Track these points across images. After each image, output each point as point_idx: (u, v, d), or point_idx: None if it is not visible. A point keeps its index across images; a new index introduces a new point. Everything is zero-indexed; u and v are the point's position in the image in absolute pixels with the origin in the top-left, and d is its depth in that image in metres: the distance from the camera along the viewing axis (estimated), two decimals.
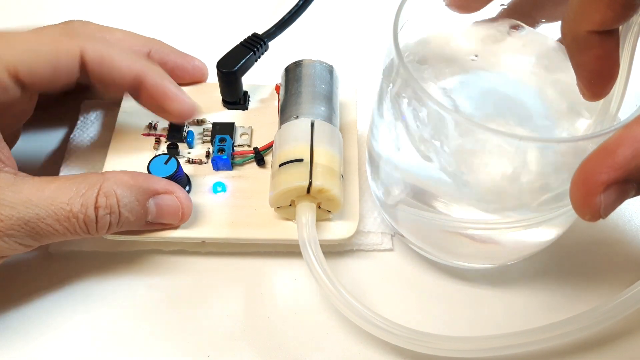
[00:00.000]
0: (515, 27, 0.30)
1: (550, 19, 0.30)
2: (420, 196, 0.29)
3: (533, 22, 0.30)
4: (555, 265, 0.34)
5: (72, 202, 0.28)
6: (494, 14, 0.31)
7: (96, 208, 0.28)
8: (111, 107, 0.37)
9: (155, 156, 0.32)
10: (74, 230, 0.28)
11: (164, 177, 0.31)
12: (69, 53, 0.30)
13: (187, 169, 0.34)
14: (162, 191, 0.31)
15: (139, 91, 0.32)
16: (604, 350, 0.31)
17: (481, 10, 0.30)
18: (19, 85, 0.29)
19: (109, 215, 0.29)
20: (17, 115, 0.33)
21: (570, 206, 0.22)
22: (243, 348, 0.31)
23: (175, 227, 0.32)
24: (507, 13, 0.31)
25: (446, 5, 0.29)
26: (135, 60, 0.32)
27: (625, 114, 0.26)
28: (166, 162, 0.32)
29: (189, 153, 0.35)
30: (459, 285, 0.33)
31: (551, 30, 0.30)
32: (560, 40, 0.30)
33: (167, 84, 0.33)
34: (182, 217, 0.31)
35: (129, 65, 0.32)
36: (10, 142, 0.34)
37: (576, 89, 0.26)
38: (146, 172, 0.31)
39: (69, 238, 0.29)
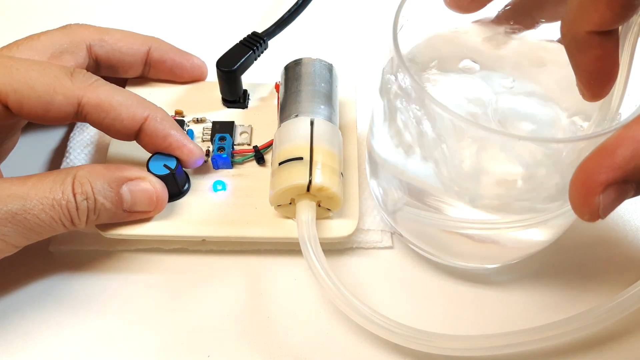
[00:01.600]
0: (515, 28, 0.30)
1: (550, 19, 0.30)
2: (419, 196, 0.29)
3: (533, 22, 0.30)
4: (555, 265, 0.34)
5: (54, 191, 0.28)
6: (493, 14, 0.31)
7: (74, 195, 0.29)
8: None
9: (154, 154, 0.32)
10: (59, 219, 0.28)
11: (165, 174, 0.31)
12: (65, 97, 0.29)
13: None
14: (134, 177, 0.31)
15: (142, 139, 0.32)
16: (603, 349, 0.31)
17: (481, 11, 0.30)
18: (6, 110, 0.29)
19: (85, 202, 0.29)
20: (7, 129, 0.33)
21: (570, 206, 0.22)
22: (243, 348, 0.31)
23: (150, 217, 0.32)
24: (507, 13, 0.31)
25: (446, 5, 0.29)
26: (139, 109, 0.31)
27: (625, 114, 0.26)
28: (165, 161, 0.32)
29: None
30: (459, 284, 0.33)
31: (551, 31, 0.30)
32: (560, 41, 0.30)
33: (173, 132, 0.32)
34: (157, 203, 0.31)
35: (132, 116, 0.30)
36: (4, 149, 0.34)
37: (576, 89, 0.26)
38: (145, 170, 0.31)
39: (55, 231, 0.29)
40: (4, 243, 0.28)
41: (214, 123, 0.36)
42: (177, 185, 0.32)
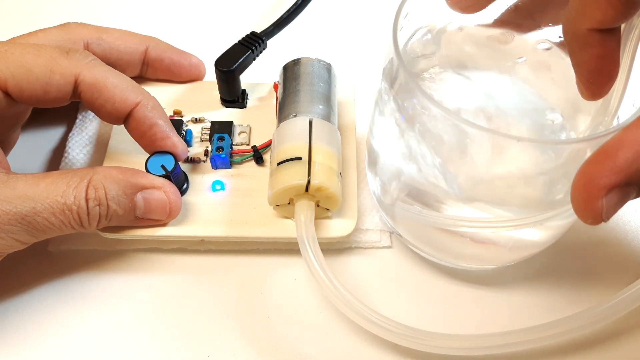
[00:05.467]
0: (517, 29, 0.30)
1: (552, 22, 0.30)
2: (418, 194, 0.29)
3: (535, 25, 0.30)
4: (554, 266, 0.34)
5: (66, 195, 0.28)
6: (495, 16, 0.31)
7: (86, 200, 0.28)
8: None
9: (153, 154, 0.32)
10: (69, 223, 0.28)
11: (161, 175, 0.31)
12: (62, 77, 0.30)
13: (185, 167, 0.34)
14: (149, 186, 0.31)
15: (130, 124, 0.32)
16: (603, 349, 0.31)
17: (482, 12, 0.30)
18: (7, 97, 0.29)
19: (98, 207, 0.29)
20: (10, 120, 0.33)
21: (568, 207, 0.22)
22: (243, 348, 0.31)
23: (164, 224, 0.32)
24: (509, 14, 0.30)
25: (448, 4, 0.29)
26: (132, 93, 0.31)
27: (624, 116, 0.26)
28: (163, 162, 0.32)
29: (187, 151, 0.35)
30: (458, 284, 0.33)
31: (552, 32, 0.30)
32: (561, 44, 0.30)
33: (160, 122, 0.32)
34: (170, 212, 0.31)
35: (125, 100, 0.31)
36: (7, 144, 0.34)
37: (576, 91, 0.26)
38: (144, 170, 0.31)
39: (64, 232, 0.29)
40: (13, 240, 0.28)
41: (213, 123, 0.36)
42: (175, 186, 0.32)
